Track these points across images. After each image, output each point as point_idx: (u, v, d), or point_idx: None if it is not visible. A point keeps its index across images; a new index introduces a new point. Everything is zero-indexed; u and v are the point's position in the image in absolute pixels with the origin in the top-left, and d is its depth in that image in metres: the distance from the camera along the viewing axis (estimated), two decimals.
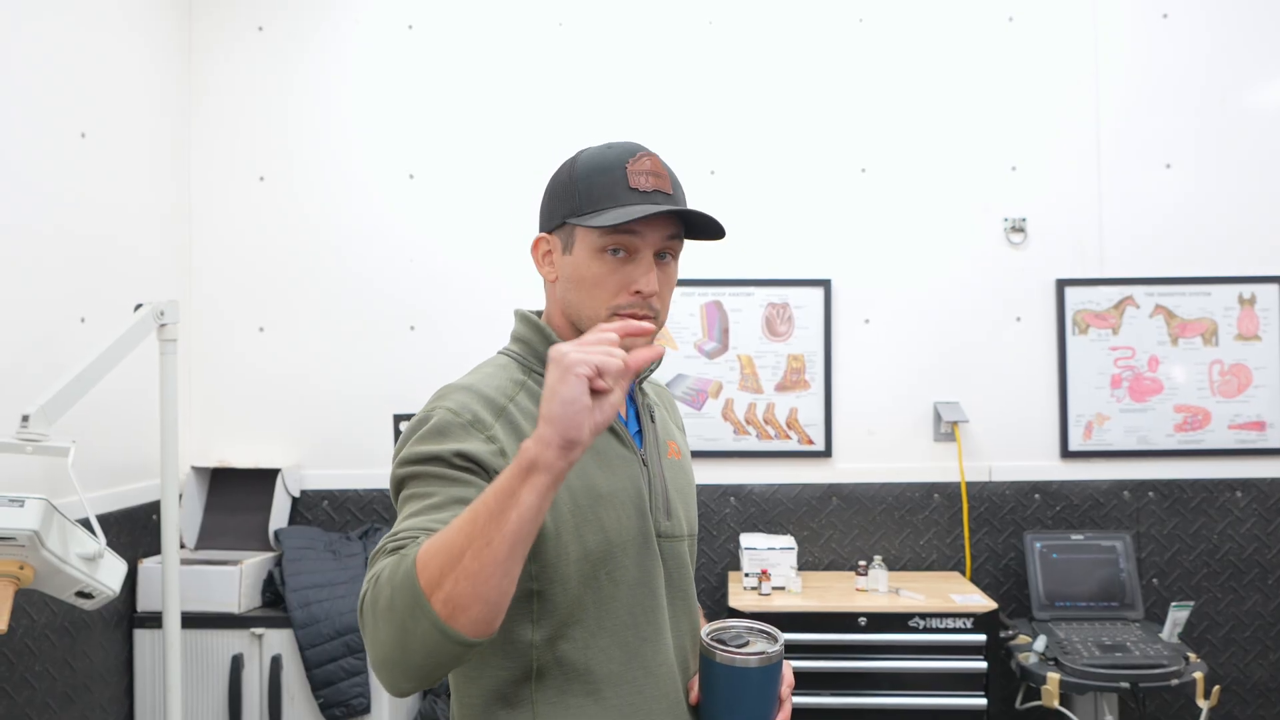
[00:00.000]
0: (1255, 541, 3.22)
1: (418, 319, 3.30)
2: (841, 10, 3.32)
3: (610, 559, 1.21)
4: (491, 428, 1.17)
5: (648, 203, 1.21)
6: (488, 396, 1.20)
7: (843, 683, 2.77)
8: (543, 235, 1.28)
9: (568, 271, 1.25)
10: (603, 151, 1.26)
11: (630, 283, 1.22)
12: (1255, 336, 3.24)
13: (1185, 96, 3.28)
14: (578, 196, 1.23)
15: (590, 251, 1.22)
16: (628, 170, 1.23)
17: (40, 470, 2.36)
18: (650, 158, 1.25)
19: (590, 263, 1.22)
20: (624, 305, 1.22)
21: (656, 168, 1.24)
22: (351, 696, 2.77)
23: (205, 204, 3.29)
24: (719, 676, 1.21)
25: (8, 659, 2.36)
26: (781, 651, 1.23)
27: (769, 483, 3.26)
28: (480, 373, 1.26)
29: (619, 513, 1.23)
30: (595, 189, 1.22)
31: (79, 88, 2.67)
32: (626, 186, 1.22)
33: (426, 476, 1.13)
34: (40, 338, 2.49)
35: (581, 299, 1.23)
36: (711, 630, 1.25)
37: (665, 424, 1.42)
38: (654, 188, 1.23)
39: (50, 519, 1.90)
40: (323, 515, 3.25)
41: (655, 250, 1.23)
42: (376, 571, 1.04)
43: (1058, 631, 2.86)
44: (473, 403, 1.18)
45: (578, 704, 1.19)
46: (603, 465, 1.25)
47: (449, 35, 3.32)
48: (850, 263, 3.30)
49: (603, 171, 1.23)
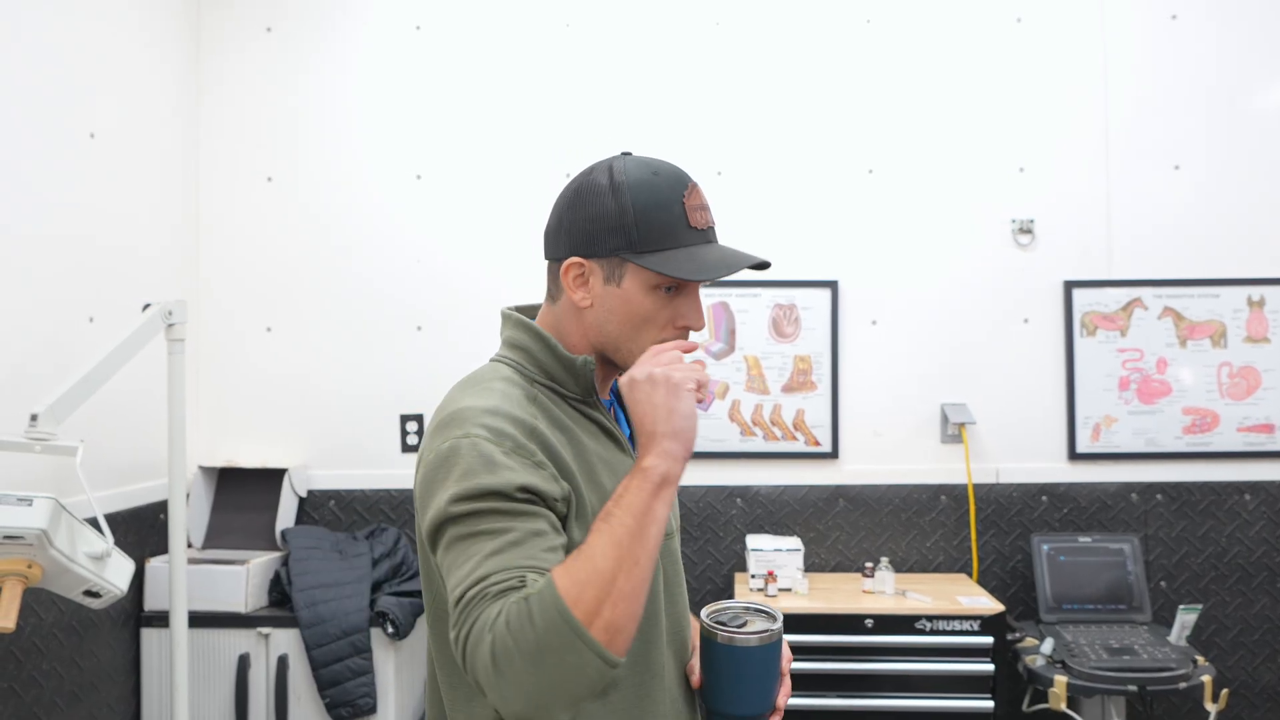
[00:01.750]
0: (1264, 544, 3.20)
1: (425, 319, 3.30)
2: (849, 11, 3.31)
3: None
4: (536, 453, 1.13)
5: (704, 240, 1.23)
6: (516, 417, 1.15)
7: (849, 684, 2.76)
8: (577, 259, 1.22)
9: (612, 303, 1.22)
10: (650, 178, 1.22)
11: (678, 318, 1.24)
12: (1264, 339, 3.23)
13: (1194, 98, 3.27)
14: (635, 231, 1.19)
15: (644, 288, 1.21)
16: (686, 206, 1.22)
17: (48, 469, 2.36)
18: (698, 189, 1.24)
19: (643, 299, 1.21)
20: (669, 338, 1.24)
21: (704, 201, 1.25)
22: (358, 696, 2.77)
23: (213, 205, 3.30)
24: (721, 657, 1.21)
25: (15, 658, 2.37)
26: (781, 629, 1.23)
27: (775, 484, 3.25)
28: (490, 388, 1.20)
29: None
30: (655, 227, 1.20)
31: (88, 89, 2.68)
32: (687, 225, 1.21)
33: (489, 513, 1.07)
34: (49, 338, 2.50)
35: (625, 332, 1.23)
36: (710, 612, 1.26)
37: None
38: (709, 224, 1.24)
39: (58, 518, 1.90)
40: (329, 515, 3.25)
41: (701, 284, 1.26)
42: (491, 619, 1.00)
43: (1065, 634, 2.85)
44: (506, 426, 1.14)
45: (585, 707, 1.18)
46: (610, 473, 1.24)
47: (456, 36, 3.32)
48: (857, 264, 3.29)
49: (660, 207, 1.20)
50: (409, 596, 2.92)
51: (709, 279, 1.19)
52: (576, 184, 1.25)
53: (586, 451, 1.22)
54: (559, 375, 1.25)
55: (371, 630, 2.82)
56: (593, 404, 1.27)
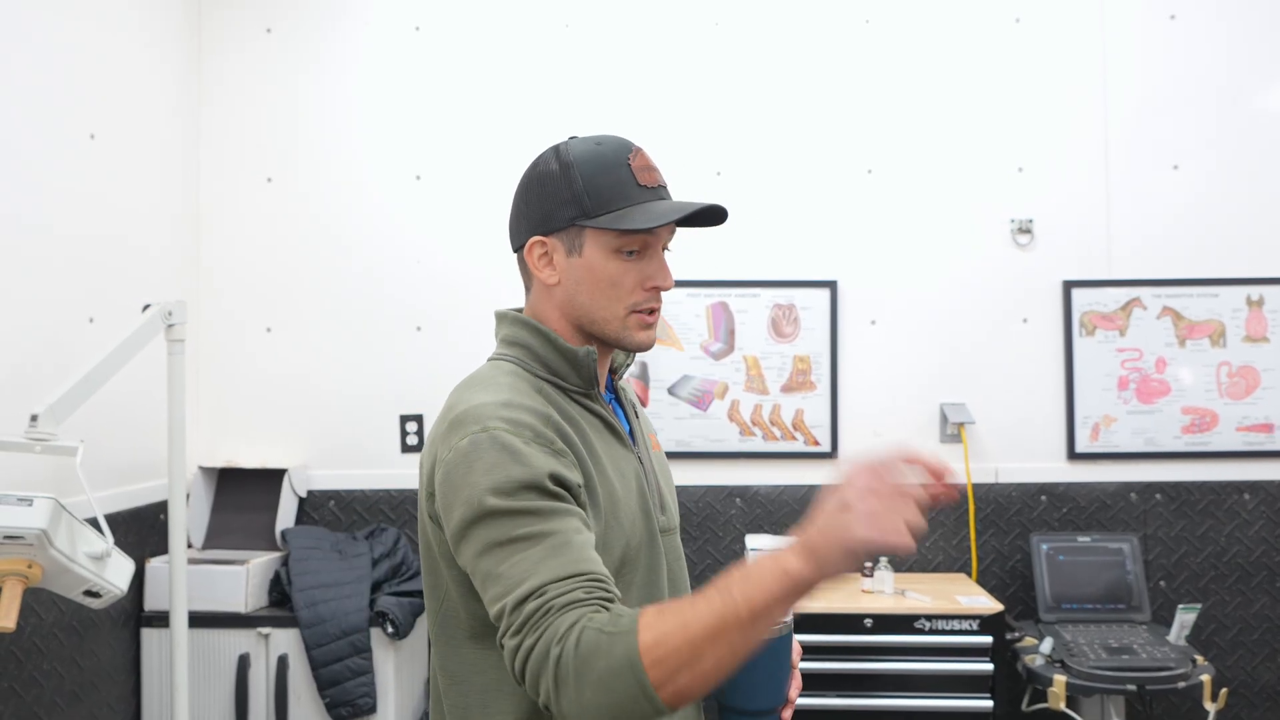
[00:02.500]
0: (1263, 544, 3.20)
1: (424, 320, 3.30)
2: (848, 11, 3.32)
3: (628, 562, 1.21)
4: (555, 440, 1.13)
5: (655, 198, 1.22)
6: (531, 407, 1.15)
7: (848, 684, 2.77)
8: (538, 238, 1.24)
9: (578, 274, 1.22)
10: (594, 149, 1.23)
11: (647, 279, 1.23)
12: (1263, 338, 3.23)
13: (1193, 98, 3.27)
14: (586, 198, 1.20)
15: (605, 253, 1.21)
16: (632, 167, 1.22)
17: (48, 470, 2.37)
18: (643, 152, 1.25)
19: (606, 263, 1.21)
20: (641, 302, 1.23)
21: (651, 162, 1.25)
22: (357, 696, 2.77)
23: (213, 205, 3.31)
24: None
25: (16, 657, 2.37)
26: (791, 623, 1.22)
27: (775, 484, 3.26)
28: (498, 383, 1.20)
29: (631, 515, 1.23)
30: (604, 189, 1.20)
31: (88, 89, 2.69)
32: (636, 184, 1.21)
33: (525, 514, 1.06)
34: (49, 338, 2.50)
35: (596, 300, 1.22)
36: None
37: (645, 418, 1.42)
38: (658, 183, 1.24)
39: (58, 518, 1.91)
40: (329, 515, 3.26)
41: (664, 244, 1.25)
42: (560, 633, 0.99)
43: (1064, 634, 2.85)
44: (524, 416, 1.13)
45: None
46: (615, 469, 1.24)
47: (456, 37, 3.33)
48: (857, 264, 3.29)
49: (606, 170, 1.21)
50: (409, 596, 2.92)
51: (658, 226, 1.18)
52: (526, 173, 1.28)
53: (591, 443, 1.22)
54: (560, 369, 1.24)
55: (371, 630, 2.82)
56: (594, 397, 1.27)
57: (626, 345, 1.26)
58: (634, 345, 1.26)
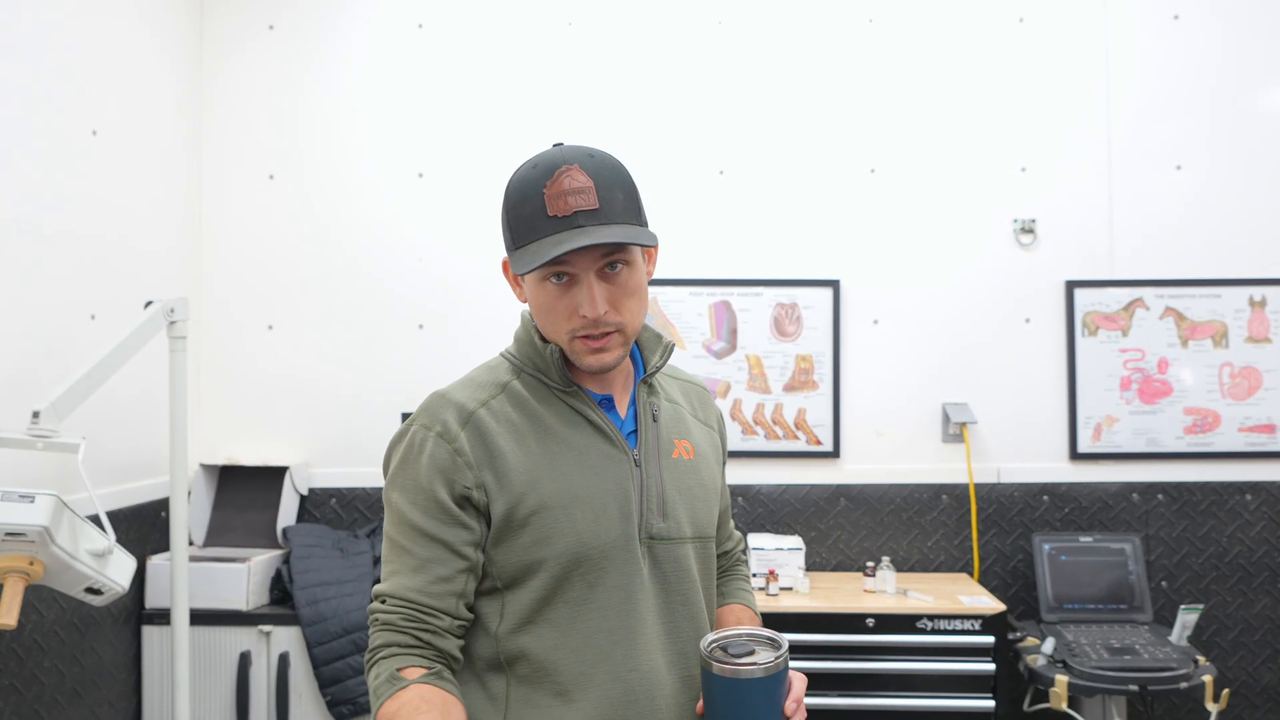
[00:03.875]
0: (1265, 545, 3.20)
1: (426, 318, 3.30)
2: (851, 11, 3.31)
3: (585, 561, 1.20)
4: (457, 438, 1.22)
5: (568, 227, 1.16)
6: (458, 403, 1.25)
7: (850, 683, 2.76)
8: (505, 258, 1.26)
9: (529, 297, 1.26)
10: (527, 173, 1.21)
11: (575, 308, 1.20)
12: (1266, 339, 3.23)
13: (1196, 98, 3.27)
14: (510, 229, 1.22)
15: (534, 281, 1.22)
16: (545, 196, 1.17)
17: (50, 467, 2.37)
18: (570, 173, 1.17)
19: (537, 292, 1.22)
20: (578, 329, 1.21)
21: (577, 183, 1.17)
22: (358, 694, 2.77)
23: (215, 202, 3.30)
24: (718, 688, 1.17)
25: (17, 655, 2.37)
26: (785, 660, 1.17)
27: (777, 483, 3.25)
28: (468, 375, 1.31)
29: (597, 514, 1.22)
30: (520, 221, 1.19)
31: (90, 86, 2.68)
32: (545, 215, 1.17)
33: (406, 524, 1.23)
34: (51, 335, 2.50)
35: (543, 323, 1.25)
36: (715, 639, 1.21)
37: (679, 422, 1.36)
38: (575, 209, 1.16)
39: (60, 515, 1.91)
40: (330, 513, 3.26)
41: (597, 269, 1.19)
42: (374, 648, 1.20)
43: (1066, 634, 2.85)
44: (443, 411, 1.24)
45: (546, 703, 1.19)
46: (583, 466, 1.24)
47: (458, 34, 3.32)
48: (859, 263, 3.29)
49: (524, 200, 1.19)
50: None
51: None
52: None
53: (550, 438, 1.24)
54: (541, 364, 1.28)
55: None
56: (575, 394, 1.28)
57: (582, 367, 1.25)
58: (586, 368, 1.24)
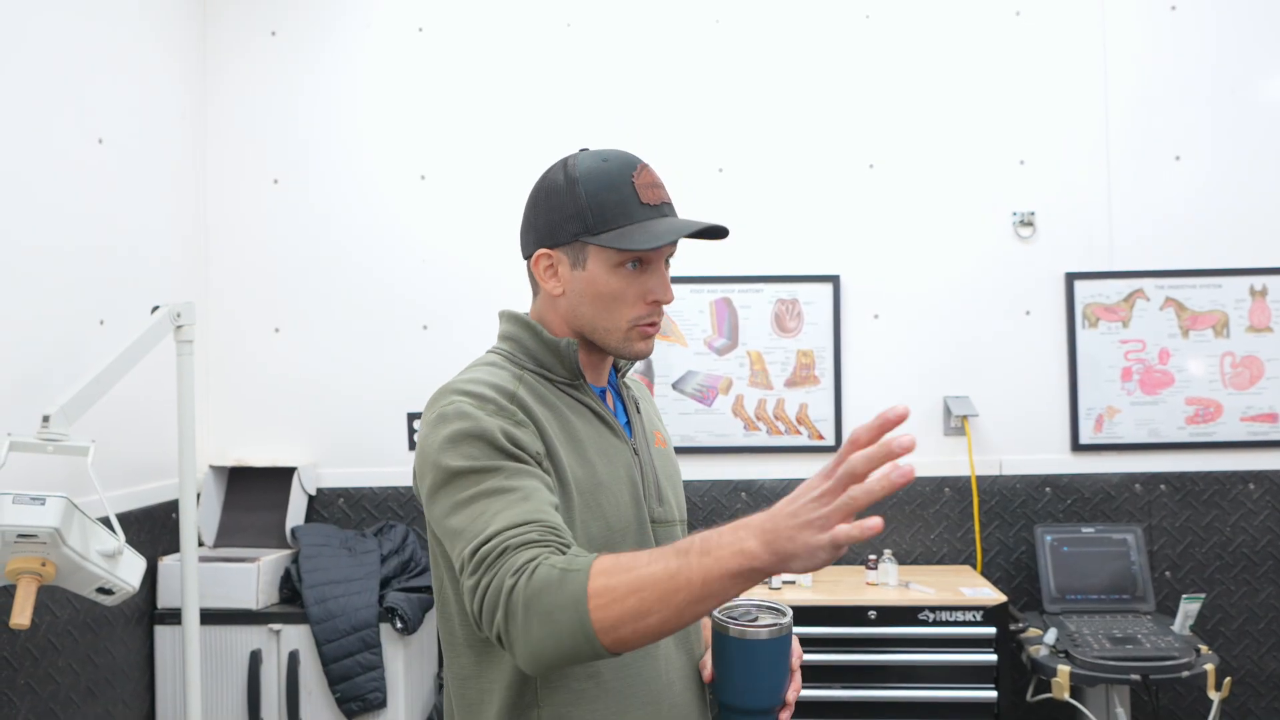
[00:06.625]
0: (1268, 534, 3.21)
1: (431, 319, 3.33)
2: (848, 6, 3.32)
3: (610, 545, 1.24)
4: (516, 413, 1.20)
5: (658, 215, 1.26)
6: (497, 384, 1.23)
7: (853, 675, 2.78)
8: (544, 251, 1.30)
9: (580, 287, 1.28)
10: (600, 165, 1.28)
11: (648, 294, 1.27)
12: (1267, 328, 3.23)
13: (1194, 88, 3.27)
14: (590, 214, 1.25)
15: (608, 267, 1.26)
16: (635, 185, 1.26)
17: (61, 469, 2.40)
18: (648, 169, 1.29)
19: (609, 278, 1.26)
20: (642, 316, 1.27)
21: (656, 179, 1.29)
22: (368, 691, 2.81)
23: (220, 207, 3.34)
24: (733, 650, 1.24)
25: (32, 655, 2.41)
26: (790, 624, 1.26)
27: (780, 478, 3.27)
28: (474, 368, 1.29)
29: (617, 500, 1.27)
30: (607, 207, 1.24)
31: (96, 95, 2.72)
32: (639, 203, 1.25)
33: (487, 471, 1.13)
34: (60, 340, 2.54)
35: (598, 313, 1.27)
36: (722, 608, 1.28)
37: (650, 415, 1.46)
38: (662, 200, 1.28)
39: (71, 517, 1.94)
40: (339, 513, 3.29)
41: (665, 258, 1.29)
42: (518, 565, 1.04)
43: (1069, 624, 2.86)
44: (487, 391, 1.21)
45: (579, 685, 1.22)
46: (600, 455, 1.28)
47: (459, 37, 3.35)
48: (859, 258, 3.31)
49: (611, 188, 1.25)
50: (417, 592, 2.95)
51: (657, 246, 1.22)
52: (536, 184, 1.33)
53: (573, 428, 1.27)
54: (546, 360, 1.30)
55: (381, 626, 2.85)
56: (580, 387, 1.32)
57: (626, 355, 1.30)
58: (633, 355, 1.31)
